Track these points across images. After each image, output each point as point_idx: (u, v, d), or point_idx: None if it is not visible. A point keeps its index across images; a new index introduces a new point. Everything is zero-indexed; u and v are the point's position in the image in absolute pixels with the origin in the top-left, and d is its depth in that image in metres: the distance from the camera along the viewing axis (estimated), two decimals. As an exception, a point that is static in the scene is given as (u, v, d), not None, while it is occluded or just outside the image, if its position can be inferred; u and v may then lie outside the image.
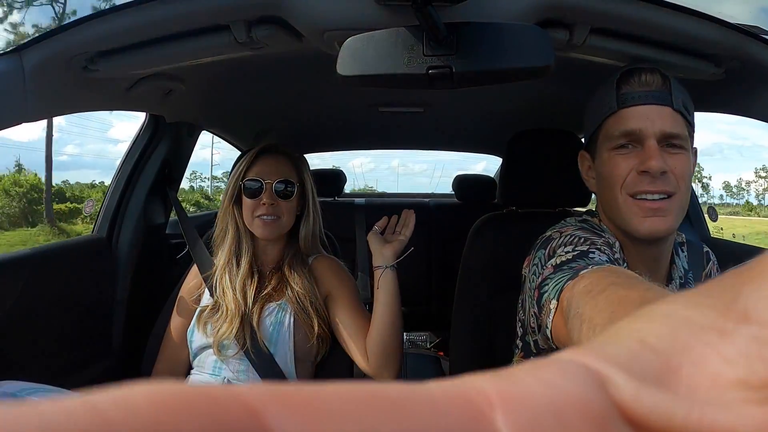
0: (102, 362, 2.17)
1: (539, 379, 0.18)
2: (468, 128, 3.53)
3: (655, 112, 1.20)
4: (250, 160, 1.91)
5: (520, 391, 0.17)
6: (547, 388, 0.18)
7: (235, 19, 1.25)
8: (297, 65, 1.96)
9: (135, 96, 1.74)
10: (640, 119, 1.21)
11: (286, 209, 1.88)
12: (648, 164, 1.17)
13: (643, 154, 1.19)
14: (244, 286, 1.86)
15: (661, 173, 1.18)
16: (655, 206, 1.19)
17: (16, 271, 1.80)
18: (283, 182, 1.87)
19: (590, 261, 1.10)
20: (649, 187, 1.19)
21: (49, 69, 1.36)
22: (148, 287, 2.42)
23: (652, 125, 1.19)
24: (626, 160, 1.22)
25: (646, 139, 1.20)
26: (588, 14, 1.21)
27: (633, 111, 1.22)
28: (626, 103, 1.23)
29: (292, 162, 1.94)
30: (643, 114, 1.21)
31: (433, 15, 0.89)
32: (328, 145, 4.35)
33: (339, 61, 1.01)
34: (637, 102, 1.22)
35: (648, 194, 1.20)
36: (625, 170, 1.22)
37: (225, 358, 1.80)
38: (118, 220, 2.32)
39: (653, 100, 1.21)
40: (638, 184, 1.20)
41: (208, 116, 2.63)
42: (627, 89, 1.23)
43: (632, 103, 1.22)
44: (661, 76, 1.22)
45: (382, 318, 1.80)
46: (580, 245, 1.18)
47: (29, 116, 1.41)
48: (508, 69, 0.98)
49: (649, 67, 1.24)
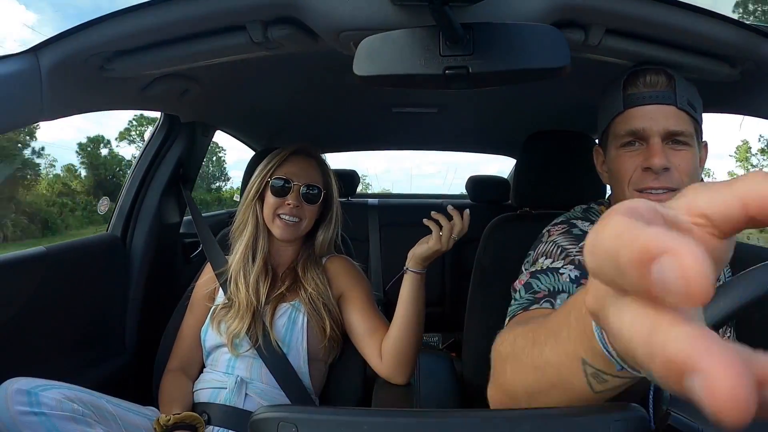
0: (115, 360, 2.18)
1: None
2: (481, 129, 3.52)
3: (659, 111, 1.28)
4: (281, 159, 1.92)
5: None
6: None
7: (251, 19, 1.25)
8: (312, 66, 1.97)
9: (151, 96, 1.75)
10: (644, 119, 1.29)
11: (309, 213, 1.89)
12: (651, 161, 1.26)
13: (648, 152, 1.28)
14: (257, 283, 1.87)
15: (663, 170, 1.26)
16: (659, 200, 1.18)
17: (31, 268, 1.81)
18: (311, 186, 1.88)
19: (554, 283, 1.25)
20: (653, 183, 1.28)
21: (65, 68, 1.37)
22: (162, 286, 2.43)
23: (656, 124, 1.28)
24: (632, 157, 1.31)
25: (651, 138, 1.28)
26: (603, 15, 1.20)
27: (638, 111, 1.30)
28: (632, 104, 1.31)
29: (321, 167, 1.95)
30: (647, 114, 1.29)
31: (449, 15, 0.89)
32: (341, 145, 4.34)
33: (355, 62, 1.01)
34: (642, 102, 1.30)
35: (652, 190, 1.28)
36: (632, 167, 1.31)
37: (238, 355, 1.81)
38: (133, 218, 2.34)
39: (657, 100, 1.28)
40: (643, 180, 1.29)
41: (222, 116, 2.64)
42: (633, 90, 1.31)
43: (638, 103, 1.30)
44: (666, 76, 1.29)
45: (402, 319, 1.80)
46: (557, 259, 1.32)
47: (45, 115, 1.42)
48: (524, 70, 0.97)
49: (654, 68, 1.31)
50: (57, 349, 1.92)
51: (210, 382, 1.82)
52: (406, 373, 1.82)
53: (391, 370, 1.81)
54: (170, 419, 1.65)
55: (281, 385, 1.79)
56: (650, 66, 1.32)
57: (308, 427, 0.83)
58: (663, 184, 1.27)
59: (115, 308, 2.24)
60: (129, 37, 1.32)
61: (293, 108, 2.83)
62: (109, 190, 29.60)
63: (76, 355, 2.00)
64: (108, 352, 2.17)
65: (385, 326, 1.84)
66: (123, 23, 1.28)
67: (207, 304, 1.95)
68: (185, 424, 1.66)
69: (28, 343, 1.80)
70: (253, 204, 1.93)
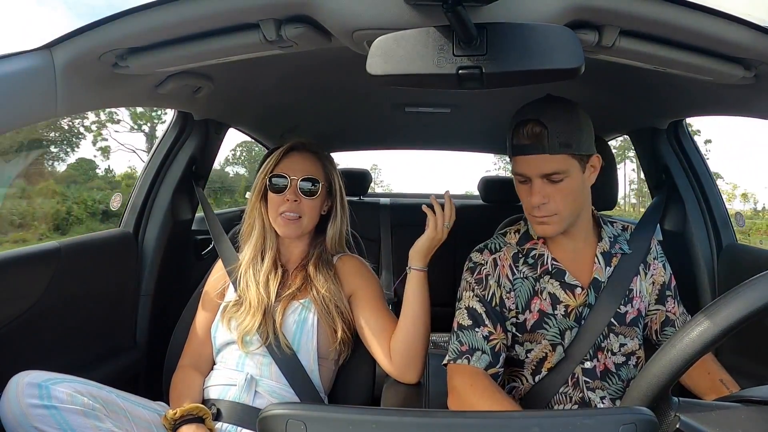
0: (126, 355, 2.20)
1: None
2: (494, 129, 3.50)
3: (535, 160, 1.59)
4: (278, 157, 1.92)
5: None
6: None
7: (265, 17, 1.25)
8: (325, 64, 1.97)
9: (164, 93, 1.76)
10: (525, 165, 1.61)
11: (309, 207, 1.89)
12: (531, 200, 1.62)
13: (531, 190, 1.63)
14: (268, 280, 1.87)
15: (542, 204, 1.61)
16: (542, 223, 1.65)
17: (44, 263, 1.83)
18: (308, 180, 1.88)
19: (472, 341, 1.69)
20: (537, 213, 1.64)
21: (79, 65, 1.38)
22: (174, 282, 2.44)
23: (534, 169, 1.60)
24: (525, 191, 1.66)
25: (532, 180, 1.61)
26: (617, 16, 1.19)
27: (521, 159, 1.62)
28: (517, 153, 1.63)
29: (320, 160, 1.95)
30: (527, 161, 1.60)
31: (463, 15, 0.89)
32: (354, 144, 4.35)
33: (369, 61, 1.00)
34: (521, 153, 1.61)
35: (537, 216, 1.65)
36: (526, 198, 1.66)
37: (248, 353, 1.81)
38: (145, 215, 2.35)
39: (534, 151, 1.58)
40: (532, 210, 1.65)
41: (235, 114, 2.64)
42: (516, 141, 1.63)
43: (520, 153, 1.62)
44: (540, 126, 1.57)
45: (407, 318, 1.80)
46: (469, 303, 1.75)
47: (59, 111, 1.42)
48: (537, 70, 0.97)
49: (532, 119, 1.59)
50: (68, 344, 1.93)
51: (220, 379, 1.82)
52: (416, 372, 1.82)
53: (400, 369, 1.81)
54: (177, 413, 1.66)
55: (291, 383, 1.79)
56: (529, 117, 1.59)
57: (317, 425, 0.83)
58: (544, 213, 1.62)
59: (127, 304, 2.25)
60: (142, 34, 1.32)
61: (306, 106, 2.83)
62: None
63: (87, 350, 2.01)
64: (119, 348, 2.18)
65: (395, 326, 1.84)
66: (137, 20, 1.28)
67: (218, 300, 1.95)
68: (192, 415, 1.67)
69: (40, 337, 1.81)
70: (258, 204, 1.94)
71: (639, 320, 1.75)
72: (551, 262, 1.73)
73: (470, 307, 1.73)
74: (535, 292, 1.72)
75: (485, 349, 1.66)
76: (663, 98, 2.07)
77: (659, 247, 1.89)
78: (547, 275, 1.72)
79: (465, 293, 1.77)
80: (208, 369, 1.92)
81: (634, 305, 1.74)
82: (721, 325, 0.87)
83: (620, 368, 1.71)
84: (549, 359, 1.70)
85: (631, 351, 1.72)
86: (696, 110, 2.06)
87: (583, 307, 1.69)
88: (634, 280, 1.75)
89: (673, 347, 0.91)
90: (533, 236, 1.78)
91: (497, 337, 1.68)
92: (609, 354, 1.70)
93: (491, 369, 1.65)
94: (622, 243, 1.80)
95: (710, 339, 0.88)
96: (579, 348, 1.67)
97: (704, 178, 2.32)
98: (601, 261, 1.74)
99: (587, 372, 1.68)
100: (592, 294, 1.70)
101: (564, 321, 1.69)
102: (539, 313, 1.70)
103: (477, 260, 1.80)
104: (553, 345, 1.69)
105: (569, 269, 1.72)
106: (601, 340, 1.69)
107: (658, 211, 2.25)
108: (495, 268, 1.76)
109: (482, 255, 1.80)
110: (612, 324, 1.69)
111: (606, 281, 1.72)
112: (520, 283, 1.73)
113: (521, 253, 1.77)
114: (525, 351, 1.73)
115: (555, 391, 1.69)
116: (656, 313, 1.82)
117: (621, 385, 1.70)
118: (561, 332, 1.69)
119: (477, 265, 1.78)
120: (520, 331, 1.73)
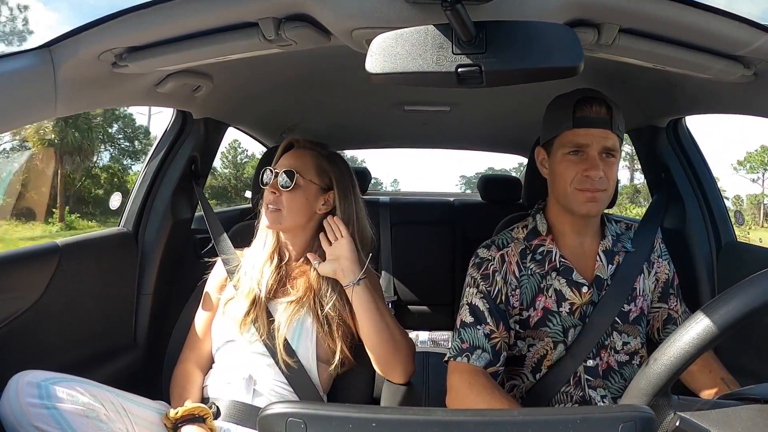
0: (126, 354, 2.19)
1: None
2: (494, 128, 3.51)
3: (600, 133, 1.65)
4: (279, 154, 1.96)
5: None
6: None
7: (264, 16, 1.25)
8: (324, 63, 1.97)
9: (163, 92, 1.76)
10: (588, 137, 1.66)
11: (287, 200, 1.87)
12: (590, 173, 1.64)
13: (588, 163, 1.65)
14: (263, 270, 1.88)
15: (599, 178, 1.64)
16: (593, 198, 1.66)
17: (43, 262, 1.83)
18: (286, 173, 1.87)
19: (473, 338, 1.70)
20: (590, 186, 1.65)
21: (78, 65, 1.38)
22: (173, 281, 2.44)
23: (598, 141, 1.65)
24: (574, 162, 1.68)
25: (589, 153, 1.66)
26: (616, 14, 1.20)
27: (583, 131, 1.66)
28: (580, 125, 1.66)
29: (315, 157, 1.94)
30: (589, 134, 1.66)
31: (462, 13, 0.88)
32: (353, 142, 4.35)
33: (368, 59, 1.00)
34: (589, 125, 1.66)
35: (590, 190, 1.65)
36: (574, 171, 1.67)
37: (248, 352, 1.82)
38: (145, 214, 2.34)
39: (601, 125, 1.65)
40: (583, 183, 1.66)
41: (235, 113, 2.64)
42: (580, 114, 1.67)
43: (585, 124, 1.66)
44: (606, 106, 1.66)
45: (363, 332, 1.82)
46: (472, 299, 1.75)
47: (59, 111, 1.43)
48: (536, 68, 0.97)
49: (597, 98, 1.67)
50: (68, 343, 1.93)
51: (220, 378, 1.83)
52: (399, 373, 1.84)
53: (384, 372, 1.85)
54: (178, 412, 1.66)
55: (290, 382, 1.79)
56: (594, 96, 1.68)
57: (316, 423, 0.83)
58: (597, 187, 1.65)
59: (127, 303, 2.25)
60: (141, 33, 1.32)
61: (305, 105, 2.83)
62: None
63: (87, 349, 2.01)
64: (119, 347, 2.18)
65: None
66: (136, 20, 1.28)
67: (218, 295, 1.95)
68: (193, 416, 1.67)
69: (39, 337, 1.81)
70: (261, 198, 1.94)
71: (642, 318, 1.76)
72: (559, 259, 1.73)
73: (473, 304, 1.73)
74: (540, 289, 1.72)
75: (486, 348, 1.67)
76: (662, 96, 2.07)
77: (663, 246, 1.90)
78: (554, 272, 1.73)
79: (468, 289, 1.78)
80: (208, 366, 1.92)
81: (637, 303, 1.74)
82: (721, 323, 0.87)
83: (623, 367, 1.71)
84: (549, 356, 1.70)
85: (634, 349, 1.73)
86: (695, 108, 2.06)
87: (588, 305, 1.70)
88: (638, 278, 1.76)
89: (673, 345, 0.91)
90: (542, 232, 1.79)
91: (499, 335, 1.69)
92: (612, 352, 1.70)
93: (491, 367, 1.66)
94: (625, 241, 1.82)
95: (710, 337, 0.88)
96: (583, 346, 1.68)
97: (704, 177, 2.32)
98: (603, 259, 1.76)
99: (589, 370, 1.69)
100: (595, 292, 1.70)
101: (568, 319, 1.70)
102: (543, 311, 1.71)
103: (484, 256, 1.80)
104: (554, 342, 1.70)
105: (575, 267, 1.73)
106: (605, 338, 1.70)
107: (659, 209, 2.24)
108: (502, 264, 1.76)
109: (489, 251, 1.80)
110: (615, 322, 1.70)
111: (609, 279, 1.73)
112: (526, 280, 1.74)
113: (529, 249, 1.78)
114: (527, 346, 1.74)
115: (556, 389, 1.69)
116: (659, 310, 1.83)
117: (623, 384, 1.70)
118: (564, 330, 1.70)
119: (484, 260, 1.78)
120: (522, 327, 1.74)
